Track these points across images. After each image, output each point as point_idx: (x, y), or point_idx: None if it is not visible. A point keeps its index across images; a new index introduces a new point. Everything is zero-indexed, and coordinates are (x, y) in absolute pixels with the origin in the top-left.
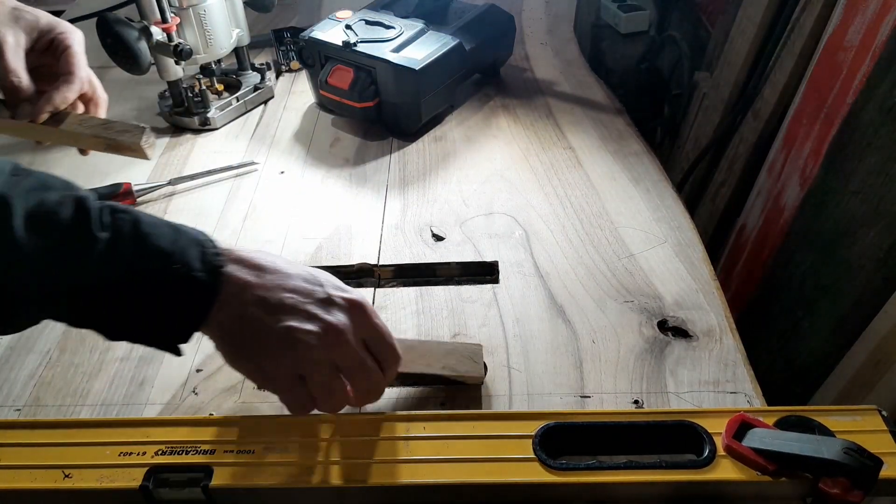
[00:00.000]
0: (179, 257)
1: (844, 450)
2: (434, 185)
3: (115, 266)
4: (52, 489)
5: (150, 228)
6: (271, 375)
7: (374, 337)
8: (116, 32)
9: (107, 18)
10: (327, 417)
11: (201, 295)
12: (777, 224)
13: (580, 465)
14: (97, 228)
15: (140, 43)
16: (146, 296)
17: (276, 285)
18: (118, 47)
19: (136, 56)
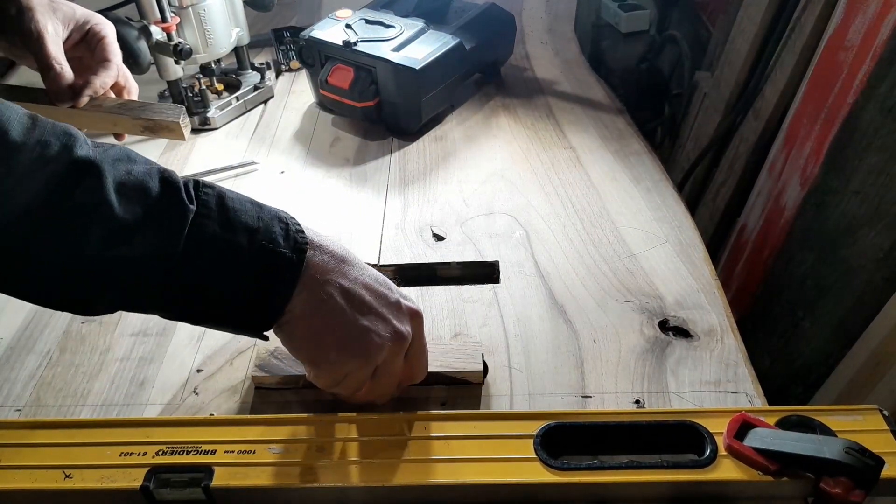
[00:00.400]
0: (265, 233)
1: (846, 449)
2: (434, 185)
3: (203, 238)
4: (52, 489)
5: (235, 203)
6: (333, 368)
7: (418, 349)
8: (116, 32)
9: (107, 18)
10: (327, 418)
11: (288, 272)
12: (777, 224)
13: (581, 465)
14: (187, 200)
15: (140, 42)
16: (234, 271)
17: (355, 278)
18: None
19: (136, 55)
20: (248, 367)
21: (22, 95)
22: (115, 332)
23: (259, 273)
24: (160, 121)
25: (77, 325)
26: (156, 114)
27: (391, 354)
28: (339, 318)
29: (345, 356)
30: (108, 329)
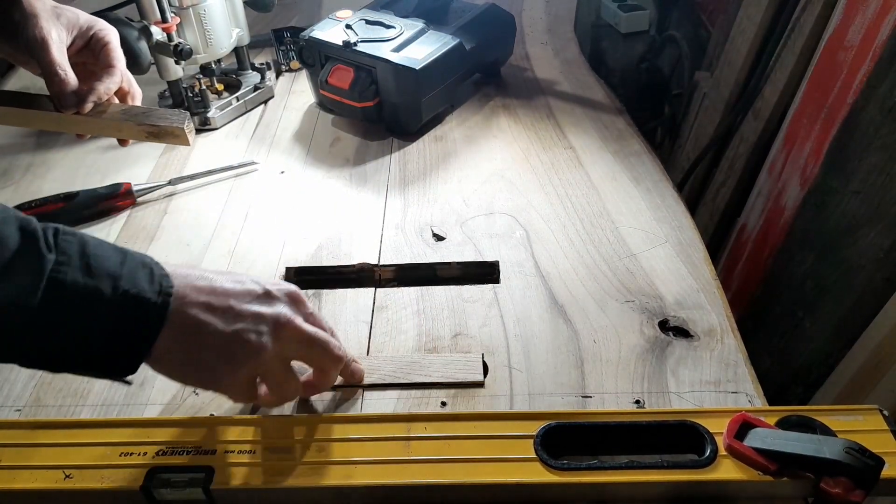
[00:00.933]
0: (128, 279)
1: (846, 449)
2: (434, 185)
3: (64, 287)
4: (52, 490)
5: (97, 250)
6: (227, 382)
7: (313, 318)
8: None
9: (107, 18)
10: (328, 418)
11: (154, 316)
12: (777, 224)
13: (581, 465)
14: (45, 249)
15: (140, 42)
16: (96, 319)
17: (214, 289)
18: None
19: (136, 56)
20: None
21: (26, 102)
22: None
23: (123, 319)
24: (165, 127)
25: None
26: (160, 119)
27: (281, 341)
28: (211, 333)
29: (232, 364)
30: None
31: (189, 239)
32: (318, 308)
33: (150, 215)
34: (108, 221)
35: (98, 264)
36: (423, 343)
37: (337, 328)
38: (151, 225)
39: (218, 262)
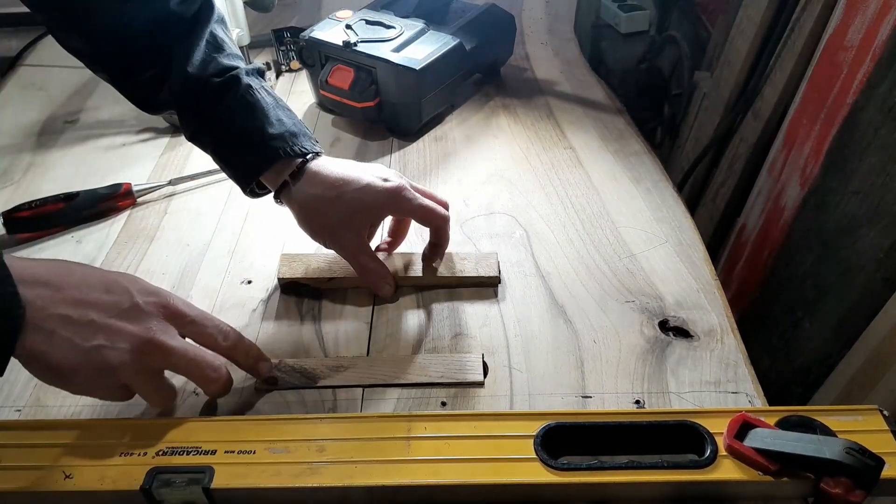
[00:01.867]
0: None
1: (846, 450)
2: (434, 185)
3: None
4: (52, 490)
5: None
6: (91, 391)
7: (195, 326)
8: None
9: None
10: (327, 417)
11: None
12: (777, 224)
13: (581, 466)
14: None
15: None
16: None
17: (78, 300)
18: None
19: None
20: None
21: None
22: None
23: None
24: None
25: None
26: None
27: (146, 355)
28: (69, 348)
29: (91, 379)
30: None
31: (189, 239)
32: (318, 308)
33: (150, 215)
34: (108, 221)
35: None
36: (423, 343)
37: (337, 328)
38: (151, 225)
39: (218, 262)
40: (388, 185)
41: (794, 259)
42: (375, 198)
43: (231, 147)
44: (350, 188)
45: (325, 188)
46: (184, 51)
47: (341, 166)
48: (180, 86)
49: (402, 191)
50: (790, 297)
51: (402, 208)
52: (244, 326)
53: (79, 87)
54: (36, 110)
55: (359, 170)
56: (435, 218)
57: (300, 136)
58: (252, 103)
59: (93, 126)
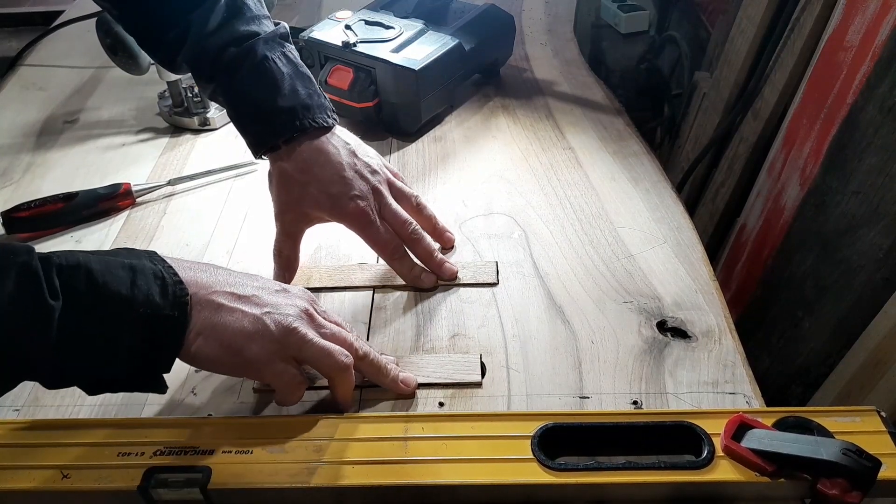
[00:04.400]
0: (142, 299)
1: (843, 451)
2: (433, 186)
3: (75, 329)
4: (50, 490)
5: (106, 276)
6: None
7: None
8: (116, 32)
9: (107, 18)
10: (325, 418)
11: (173, 328)
12: (777, 224)
13: (579, 466)
14: (49, 296)
15: None
16: (115, 348)
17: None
18: (118, 47)
19: (136, 56)
20: None
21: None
22: None
23: (143, 341)
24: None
25: None
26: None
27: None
28: (241, 317)
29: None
30: None
31: (188, 239)
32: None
33: (150, 215)
34: (107, 221)
35: (108, 294)
36: (420, 343)
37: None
38: (151, 225)
39: (217, 262)
40: (351, 206)
41: (793, 259)
42: (333, 208)
43: (243, 116)
44: (319, 183)
45: (299, 170)
46: (201, 16)
47: (332, 150)
48: (196, 53)
49: (363, 216)
50: (790, 297)
51: (356, 231)
52: None
53: (79, 87)
54: (36, 110)
55: (346, 162)
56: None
57: (313, 109)
58: (266, 74)
59: (93, 126)
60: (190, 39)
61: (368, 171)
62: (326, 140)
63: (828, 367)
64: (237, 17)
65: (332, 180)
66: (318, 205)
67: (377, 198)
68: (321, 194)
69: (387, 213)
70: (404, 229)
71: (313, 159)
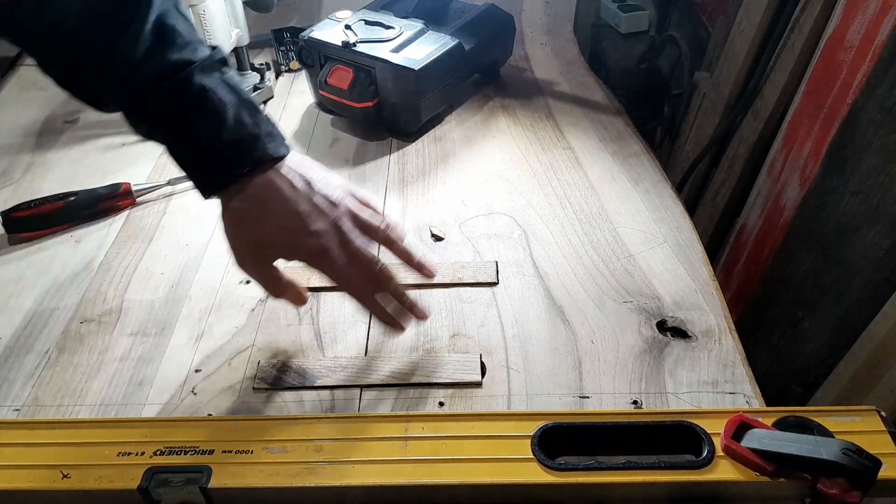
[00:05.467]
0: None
1: (843, 450)
2: (433, 186)
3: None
4: (50, 489)
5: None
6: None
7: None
8: None
9: None
10: (325, 418)
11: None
12: (777, 224)
13: (579, 466)
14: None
15: None
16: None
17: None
18: None
19: None
20: (246, 367)
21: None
22: (113, 332)
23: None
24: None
25: (76, 325)
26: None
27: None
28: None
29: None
30: (107, 329)
31: (188, 239)
32: (316, 308)
33: (150, 215)
34: (107, 221)
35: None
36: (420, 343)
37: (335, 328)
38: (150, 225)
39: (216, 262)
40: (310, 243)
41: (793, 259)
42: (289, 246)
43: (185, 155)
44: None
45: (252, 208)
46: (124, 48)
47: (286, 183)
48: (124, 91)
49: (324, 253)
50: (790, 297)
51: (317, 268)
52: (242, 326)
53: None
54: (36, 110)
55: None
56: (351, 292)
57: (262, 139)
58: (206, 107)
59: (92, 126)
60: (115, 76)
61: (328, 203)
62: (280, 173)
63: (828, 367)
64: (167, 45)
65: (287, 216)
66: (274, 243)
67: (339, 233)
68: (277, 232)
69: (351, 250)
70: (370, 268)
71: (266, 195)
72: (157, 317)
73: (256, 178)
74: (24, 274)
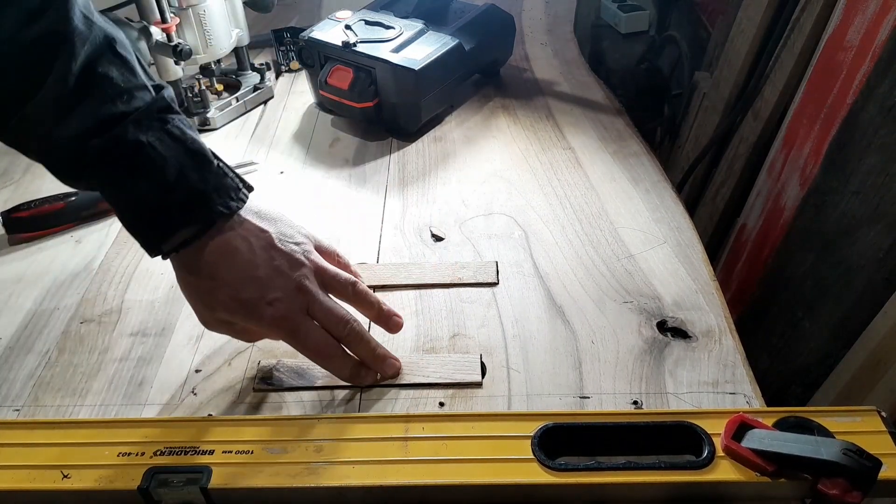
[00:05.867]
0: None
1: (843, 451)
2: (433, 186)
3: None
4: (50, 490)
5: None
6: (263, 283)
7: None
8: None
9: (107, 18)
10: (325, 418)
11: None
12: (777, 224)
13: (579, 466)
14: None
15: (140, 43)
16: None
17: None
18: None
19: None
20: (246, 367)
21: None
22: (113, 332)
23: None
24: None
25: (76, 325)
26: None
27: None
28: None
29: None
30: (107, 329)
31: None
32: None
33: None
34: (107, 221)
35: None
36: (421, 343)
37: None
38: None
39: None
40: (269, 313)
41: (793, 259)
42: (248, 316)
43: (128, 218)
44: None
45: (205, 275)
46: (42, 102)
47: (241, 245)
48: (48, 150)
49: (284, 322)
50: (790, 297)
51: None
52: None
53: None
54: None
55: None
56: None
57: (210, 195)
58: (144, 164)
59: None
60: (34, 135)
61: (289, 264)
62: (237, 232)
63: (828, 367)
64: (94, 96)
65: (243, 283)
66: (231, 313)
67: (303, 295)
68: (232, 302)
69: (317, 312)
70: (338, 329)
71: (219, 261)
72: (157, 317)
73: (211, 240)
74: (24, 274)
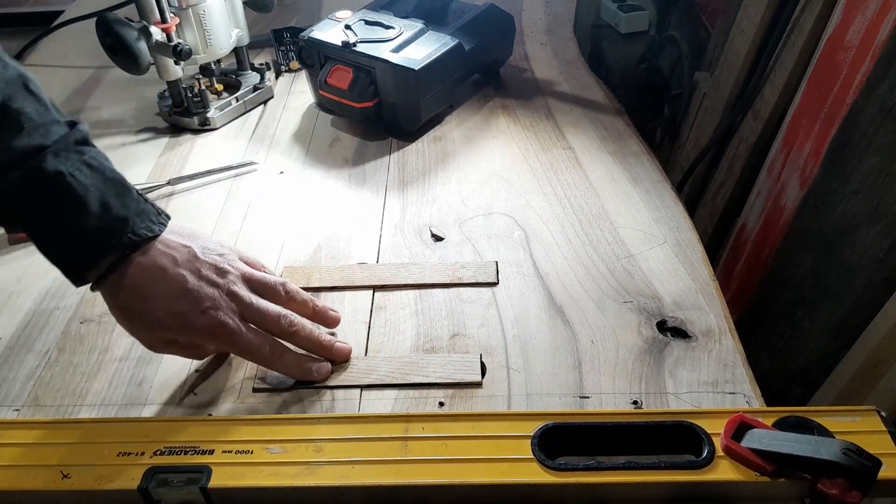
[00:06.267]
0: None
1: (843, 450)
2: (433, 186)
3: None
4: (50, 490)
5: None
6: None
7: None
8: (116, 32)
9: (106, 18)
10: (325, 418)
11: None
12: (777, 224)
13: (579, 466)
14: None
15: (139, 43)
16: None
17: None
18: (118, 47)
19: (136, 56)
20: (246, 367)
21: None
22: (113, 332)
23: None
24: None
25: (76, 325)
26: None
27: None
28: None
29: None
30: (107, 329)
31: None
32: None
33: None
34: None
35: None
36: (421, 343)
37: (336, 328)
38: None
39: None
40: (203, 321)
41: (793, 259)
42: (184, 328)
43: (51, 248)
44: (161, 304)
45: (135, 297)
46: None
47: (167, 262)
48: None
49: (220, 329)
50: (790, 297)
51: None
52: None
53: (79, 87)
54: None
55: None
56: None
57: (131, 220)
58: (65, 194)
59: (92, 126)
60: None
61: (216, 273)
62: (159, 251)
63: (828, 367)
64: (9, 132)
65: (174, 297)
66: (168, 329)
67: (234, 301)
68: (167, 317)
69: (251, 314)
70: (276, 324)
71: (147, 281)
72: None
73: (133, 263)
74: (24, 274)
